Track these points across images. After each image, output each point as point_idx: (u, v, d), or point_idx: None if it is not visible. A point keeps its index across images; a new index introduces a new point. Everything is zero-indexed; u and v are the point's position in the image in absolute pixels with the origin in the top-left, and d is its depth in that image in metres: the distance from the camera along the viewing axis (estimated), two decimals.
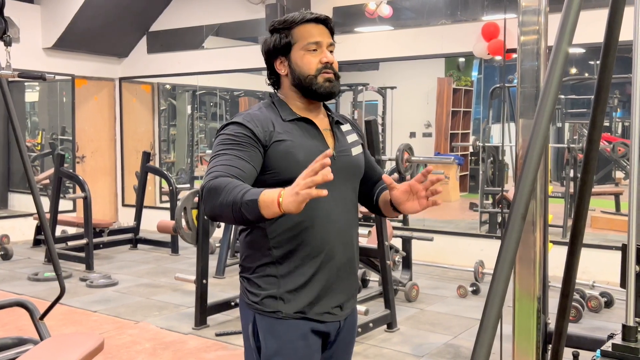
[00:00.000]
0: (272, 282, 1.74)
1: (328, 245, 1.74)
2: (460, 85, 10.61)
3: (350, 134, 1.88)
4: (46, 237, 3.51)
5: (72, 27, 8.03)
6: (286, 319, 1.73)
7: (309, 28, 1.77)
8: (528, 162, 1.43)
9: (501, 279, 1.39)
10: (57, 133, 9.58)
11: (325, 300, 1.76)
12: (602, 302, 4.94)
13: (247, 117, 1.72)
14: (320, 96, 1.78)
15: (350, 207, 1.82)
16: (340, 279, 1.78)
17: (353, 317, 1.91)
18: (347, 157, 1.80)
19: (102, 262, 6.89)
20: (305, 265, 1.73)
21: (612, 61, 1.82)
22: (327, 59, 1.77)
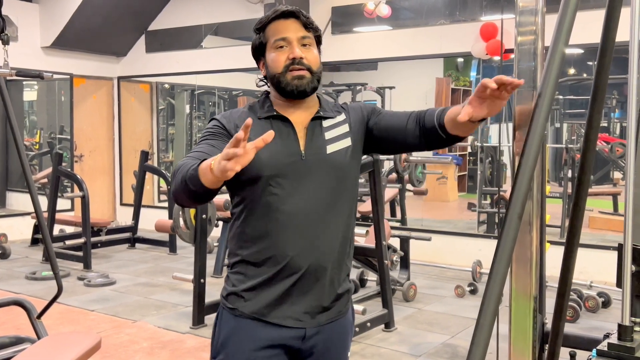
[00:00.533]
0: (240, 279, 1.72)
1: (292, 249, 1.66)
2: (458, 85, 10.61)
3: (338, 127, 1.77)
4: (44, 236, 3.52)
5: (71, 25, 8.02)
6: (242, 318, 1.70)
7: (277, 25, 1.71)
8: (524, 162, 1.44)
9: (497, 278, 1.40)
10: (56, 132, 9.58)
11: (288, 305, 1.68)
12: (600, 302, 4.95)
13: (225, 114, 1.75)
14: (290, 94, 1.69)
15: (328, 209, 1.70)
16: (308, 284, 1.68)
17: (339, 327, 1.78)
18: (318, 156, 1.70)
19: (100, 261, 6.89)
20: (268, 267, 1.67)
21: (609, 62, 1.82)
22: (294, 54, 1.68)
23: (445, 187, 9.99)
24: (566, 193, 7.42)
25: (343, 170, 1.73)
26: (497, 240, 1.41)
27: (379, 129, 1.78)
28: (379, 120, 1.78)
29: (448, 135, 1.65)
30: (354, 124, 1.79)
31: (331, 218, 1.71)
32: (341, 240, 1.75)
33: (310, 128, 1.73)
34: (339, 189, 1.73)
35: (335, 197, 1.72)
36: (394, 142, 1.79)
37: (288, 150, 1.68)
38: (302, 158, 1.68)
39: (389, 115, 1.79)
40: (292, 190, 1.66)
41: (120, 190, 9.52)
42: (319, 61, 1.74)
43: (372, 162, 4.38)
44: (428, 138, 1.70)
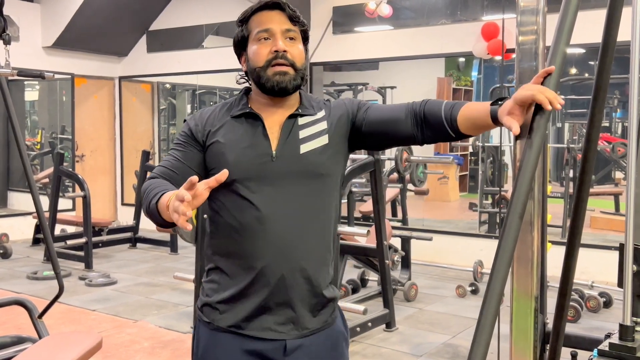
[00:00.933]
0: (214, 288, 1.63)
1: (264, 255, 1.56)
2: (460, 85, 10.61)
3: (315, 124, 1.65)
4: (45, 236, 3.52)
5: (72, 25, 8.03)
6: (220, 332, 1.61)
7: (260, 16, 1.61)
8: (526, 162, 1.44)
9: (498, 277, 1.40)
10: (57, 132, 9.58)
11: (265, 316, 1.59)
12: (601, 302, 4.94)
13: (196, 116, 1.68)
14: (271, 91, 1.59)
15: (303, 213, 1.59)
16: (284, 293, 1.57)
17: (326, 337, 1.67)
18: (291, 156, 1.59)
19: (101, 261, 6.89)
20: (242, 277, 1.58)
21: (610, 61, 1.82)
22: (276, 47, 1.57)
23: (446, 187, 9.99)
24: (567, 193, 7.41)
25: (319, 171, 1.61)
26: (499, 239, 1.41)
27: (369, 124, 1.66)
28: (367, 115, 1.67)
29: (457, 132, 1.55)
30: (333, 121, 1.67)
31: (307, 222, 1.60)
32: (320, 246, 1.63)
33: (286, 127, 1.62)
34: (316, 191, 1.62)
35: (312, 200, 1.61)
36: (385, 136, 1.67)
37: (257, 151, 1.59)
38: (272, 159, 1.58)
39: (378, 110, 1.68)
40: (264, 194, 1.57)
41: (122, 190, 9.52)
42: (303, 57, 1.63)
43: (373, 162, 4.38)
44: (430, 132, 1.59)
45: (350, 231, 4.43)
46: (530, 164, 1.43)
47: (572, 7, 1.54)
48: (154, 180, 1.56)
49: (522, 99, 1.35)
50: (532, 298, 1.86)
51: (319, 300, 1.64)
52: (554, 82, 1.42)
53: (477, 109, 1.51)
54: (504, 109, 1.40)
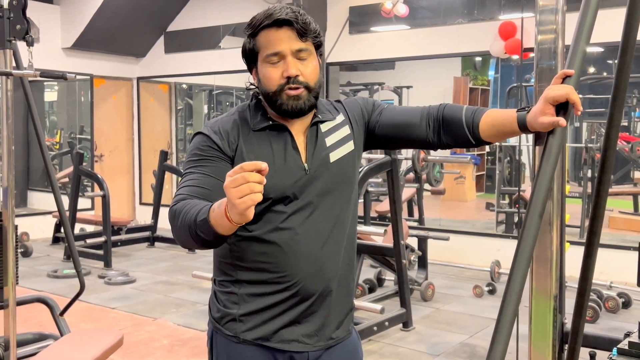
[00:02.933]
0: (234, 300, 1.56)
1: (299, 273, 1.52)
2: (477, 84, 10.57)
3: (338, 130, 1.61)
4: (66, 235, 3.57)
5: (91, 27, 8.12)
6: (244, 344, 1.56)
7: (269, 35, 1.50)
8: (545, 162, 1.44)
9: (518, 276, 1.41)
10: (76, 132, 9.70)
11: (293, 328, 1.55)
12: (620, 303, 4.91)
13: (215, 127, 1.54)
14: (287, 113, 1.52)
15: (335, 225, 1.56)
16: (314, 306, 1.55)
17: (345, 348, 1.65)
18: (322, 167, 1.55)
19: (120, 260, 6.96)
20: (271, 291, 1.53)
21: (630, 60, 1.82)
22: (288, 72, 1.49)
23: (463, 187, 9.95)
24: (586, 193, 7.36)
25: (348, 179, 1.59)
26: (518, 239, 1.42)
27: (383, 126, 1.63)
28: (381, 117, 1.64)
29: (477, 138, 1.54)
30: (354, 123, 1.64)
31: (340, 236, 1.58)
32: (350, 257, 1.63)
33: (311, 136, 1.57)
34: (345, 201, 1.59)
35: (342, 211, 1.58)
36: (398, 140, 1.65)
37: (291, 166, 1.52)
38: (306, 172, 1.53)
39: (394, 112, 1.65)
40: (298, 210, 1.52)
41: (140, 190, 9.61)
42: (317, 72, 1.55)
43: (390, 162, 4.38)
44: (449, 137, 1.58)
45: (367, 231, 4.44)
46: (550, 164, 1.44)
47: (592, 6, 1.54)
48: (185, 201, 1.41)
49: (555, 98, 1.37)
50: (551, 297, 1.86)
51: (346, 311, 1.64)
52: (574, 83, 1.42)
53: (502, 116, 1.50)
54: (535, 113, 1.41)
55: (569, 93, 1.36)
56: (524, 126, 1.47)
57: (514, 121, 1.48)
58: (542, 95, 1.41)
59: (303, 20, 1.50)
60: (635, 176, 9.00)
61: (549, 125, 1.38)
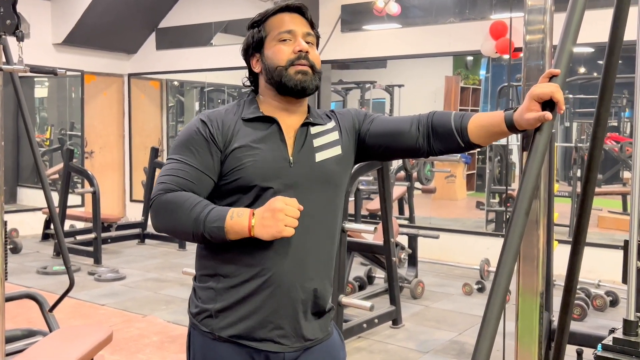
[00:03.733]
0: (211, 296, 1.56)
1: (273, 266, 1.51)
2: (468, 83, 10.61)
3: (327, 134, 1.64)
4: (56, 231, 3.56)
5: (82, 23, 8.09)
6: (219, 342, 1.55)
7: (281, 17, 1.61)
8: (532, 160, 1.46)
9: (504, 272, 1.43)
10: (66, 128, 9.66)
11: (268, 326, 1.54)
12: (608, 301, 4.95)
13: (212, 116, 1.58)
14: (292, 91, 1.57)
15: (316, 220, 1.57)
16: (289, 305, 1.54)
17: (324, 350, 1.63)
18: (307, 164, 1.57)
19: (110, 257, 6.95)
20: (246, 286, 1.52)
21: (617, 60, 1.85)
22: (300, 47, 1.57)
23: (453, 186, 10.00)
24: (575, 192, 7.40)
25: (332, 180, 1.61)
26: (505, 235, 1.44)
27: (372, 135, 1.66)
28: (371, 127, 1.67)
29: (467, 142, 1.56)
30: (344, 131, 1.67)
31: (317, 232, 1.58)
32: (329, 257, 1.63)
33: (300, 134, 1.60)
34: (328, 201, 1.60)
35: (323, 209, 1.59)
36: (388, 149, 1.67)
37: (275, 155, 1.55)
38: (290, 165, 1.55)
39: (384, 121, 1.68)
40: None
41: (130, 187, 9.58)
42: (319, 61, 1.64)
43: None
44: (439, 143, 1.61)
45: (358, 228, 4.45)
46: (537, 161, 1.46)
47: (579, 6, 1.56)
48: (178, 193, 1.47)
49: (540, 95, 1.39)
50: (538, 294, 1.88)
51: (322, 311, 1.63)
52: (560, 83, 1.44)
53: (490, 117, 1.54)
54: (522, 110, 1.43)
55: (554, 91, 1.38)
56: (512, 125, 1.49)
57: (502, 121, 1.51)
58: (528, 93, 1.43)
59: (309, 14, 1.64)
60: (625, 176, 9.07)
61: (535, 120, 1.40)
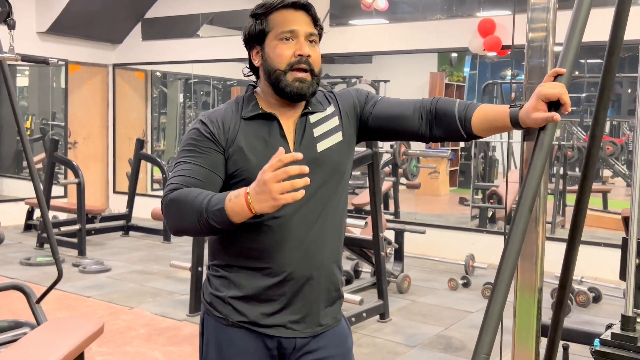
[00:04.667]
0: (224, 284, 1.59)
1: (287, 258, 1.55)
2: (452, 80, 10.68)
3: (327, 121, 1.64)
4: (45, 223, 3.53)
5: (67, 11, 7.98)
6: (232, 327, 1.59)
7: (286, 14, 1.55)
8: (536, 156, 1.47)
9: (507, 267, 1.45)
10: (47, 118, 9.54)
11: (281, 313, 1.58)
12: (590, 297, 5.03)
13: (212, 117, 1.58)
14: (288, 96, 1.55)
15: (322, 213, 1.59)
16: (301, 292, 1.58)
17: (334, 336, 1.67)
18: (309, 155, 1.56)
19: (94, 248, 6.89)
20: (257, 275, 1.56)
21: (617, 60, 1.88)
22: (301, 51, 1.53)
23: (436, 182, 10.07)
24: (557, 189, 7.51)
25: (336, 169, 1.61)
26: (509, 231, 1.46)
27: (376, 117, 1.65)
28: (376, 108, 1.65)
29: (469, 132, 1.55)
30: (344, 115, 1.66)
31: (324, 223, 1.59)
32: (337, 245, 1.65)
33: (299, 126, 1.60)
34: (332, 190, 1.61)
35: (329, 199, 1.60)
36: (391, 132, 1.67)
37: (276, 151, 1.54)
38: None
39: (388, 103, 1.66)
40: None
41: (114, 178, 9.50)
42: (320, 62, 1.60)
43: (371, 155, 4.42)
44: (441, 130, 1.60)
45: (348, 222, 4.47)
46: (541, 159, 1.47)
47: (585, 5, 1.58)
48: (183, 190, 1.47)
49: (548, 95, 1.39)
50: (536, 290, 1.91)
51: (333, 298, 1.66)
52: (566, 82, 1.46)
53: (495, 111, 1.53)
54: (528, 109, 1.42)
55: (562, 93, 1.38)
56: (516, 122, 1.49)
57: (507, 117, 1.50)
58: (535, 92, 1.43)
59: (314, 10, 1.59)
60: (604, 174, 9.20)
61: (542, 121, 1.40)
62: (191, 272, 4.66)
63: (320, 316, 1.63)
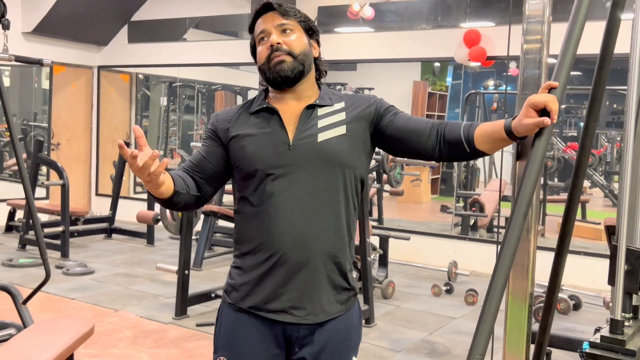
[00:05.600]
0: (238, 273, 1.73)
1: (280, 242, 1.64)
2: (435, 89, 10.79)
3: (333, 115, 1.72)
4: (34, 224, 3.52)
5: (53, 12, 7.93)
6: (240, 313, 1.72)
7: (259, 21, 1.74)
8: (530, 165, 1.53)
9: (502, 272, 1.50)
10: (29, 119, 9.45)
11: (281, 299, 1.67)
12: (571, 305, 5.12)
13: (219, 114, 1.80)
14: (274, 82, 1.70)
15: (321, 198, 1.66)
16: (303, 279, 1.66)
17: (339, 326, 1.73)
18: (308, 144, 1.66)
19: (77, 251, 6.85)
20: (262, 262, 1.67)
21: (607, 73, 1.94)
22: (270, 41, 1.69)
23: (419, 189, 10.15)
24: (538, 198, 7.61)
25: (336, 159, 1.67)
26: (504, 237, 1.51)
27: (394, 129, 1.73)
28: (394, 120, 1.74)
29: (473, 149, 1.64)
30: (353, 114, 1.74)
31: (322, 210, 1.67)
32: (335, 234, 1.69)
33: (303, 117, 1.70)
34: (332, 179, 1.68)
35: (328, 188, 1.67)
36: (406, 146, 1.74)
37: (274, 141, 1.67)
38: (289, 147, 1.66)
39: (406, 118, 1.76)
40: (282, 181, 1.65)
41: (97, 180, 9.44)
42: (302, 44, 1.71)
43: None
44: (447, 151, 1.69)
45: None
46: (535, 166, 1.53)
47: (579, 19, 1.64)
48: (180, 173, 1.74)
49: (535, 103, 1.47)
50: (527, 295, 1.97)
51: (335, 288, 1.71)
52: (559, 95, 1.52)
53: (492, 124, 1.63)
54: (519, 117, 1.51)
55: (549, 101, 1.46)
56: (510, 131, 1.55)
57: (502, 128, 1.58)
58: (525, 101, 1.51)
59: (282, 5, 1.73)
60: (584, 184, 9.34)
61: (532, 126, 1.47)
62: (178, 275, 4.66)
63: (322, 304, 1.69)
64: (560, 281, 2.07)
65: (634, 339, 1.75)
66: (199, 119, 11.24)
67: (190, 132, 11.20)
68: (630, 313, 1.81)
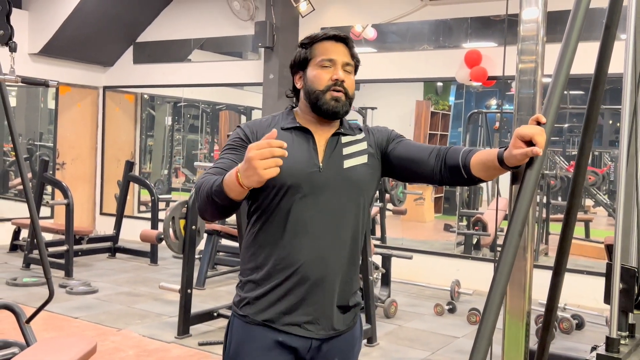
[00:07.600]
0: (252, 287, 1.77)
1: (301, 258, 1.72)
2: (437, 109, 10.84)
3: (356, 144, 1.83)
4: (39, 243, 3.55)
5: (60, 34, 8.04)
6: (253, 325, 1.76)
7: (327, 45, 1.80)
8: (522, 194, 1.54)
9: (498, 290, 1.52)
10: (35, 139, 9.53)
11: (296, 313, 1.74)
12: (574, 324, 5.11)
13: (250, 123, 1.84)
14: (325, 114, 1.78)
15: (340, 222, 1.76)
16: (316, 295, 1.73)
17: (344, 341, 1.83)
18: (335, 169, 1.76)
19: (81, 270, 6.87)
20: (278, 275, 1.73)
21: (601, 93, 1.98)
22: (337, 76, 1.77)
23: (422, 208, 10.16)
24: (540, 217, 7.63)
25: (358, 186, 1.78)
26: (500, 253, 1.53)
27: (396, 156, 1.83)
28: (397, 146, 1.84)
29: (470, 175, 1.70)
30: (372, 144, 1.85)
31: (342, 231, 1.76)
32: (350, 254, 1.79)
33: (331, 143, 1.80)
34: (352, 204, 1.78)
35: (348, 211, 1.77)
36: (409, 171, 1.83)
37: (308, 161, 1.75)
38: (319, 170, 1.74)
39: (409, 145, 1.85)
40: (308, 200, 1.72)
41: (101, 199, 9.49)
42: (354, 87, 1.83)
43: None
44: (448, 175, 1.75)
45: None
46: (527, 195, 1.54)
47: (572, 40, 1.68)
48: (207, 177, 1.68)
49: (522, 135, 1.48)
50: (524, 314, 1.98)
51: (346, 304, 1.80)
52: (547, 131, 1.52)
53: (487, 152, 1.67)
54: (510, 148, 1.54)
55: (535, 134, 1.46)
56: (502, 161, 1.59)
57: (495, 157, 1.62)
58: (514, 132, 1.53)
59: (352, 44, 1.84)
60: (586, 203, 9.33)
61: (521, 156, 1.49)
62: (180, 294, 4.68)
63: (334, 320, 1.78)
64: (558, 300, 2.09)
65: (630, 357, 1.76)
66: (203, 138, 11.32)
67: (194, 152, 11.28)
68: (627, 331, 1.82)
